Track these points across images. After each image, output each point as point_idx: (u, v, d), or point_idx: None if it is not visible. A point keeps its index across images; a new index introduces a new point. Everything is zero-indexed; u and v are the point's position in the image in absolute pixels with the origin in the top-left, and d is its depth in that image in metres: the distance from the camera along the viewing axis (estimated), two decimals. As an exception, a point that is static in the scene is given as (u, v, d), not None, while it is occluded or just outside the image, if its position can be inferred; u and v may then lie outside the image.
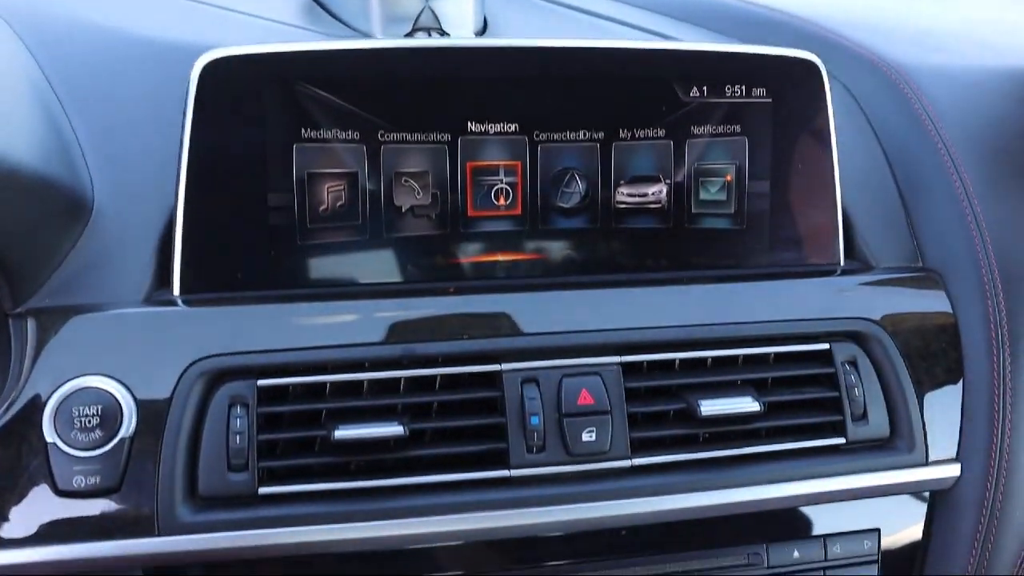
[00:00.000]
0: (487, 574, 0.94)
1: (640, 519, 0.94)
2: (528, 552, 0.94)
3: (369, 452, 0.90)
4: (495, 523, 0.91)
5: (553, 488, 0.92)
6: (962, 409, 1.04)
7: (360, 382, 0.92)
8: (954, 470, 1.02)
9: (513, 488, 0.92)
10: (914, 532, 1.04)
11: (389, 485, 0.90)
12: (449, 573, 0.93)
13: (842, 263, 1.08)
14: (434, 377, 0.93)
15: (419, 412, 0.93)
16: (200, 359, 0.88)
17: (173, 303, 0.92)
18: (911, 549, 1.04)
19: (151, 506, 0.86)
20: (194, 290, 0.94)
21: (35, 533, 0.84)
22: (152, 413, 0.87)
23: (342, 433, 0.88)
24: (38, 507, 0.85)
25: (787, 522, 1.00)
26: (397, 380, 0.92)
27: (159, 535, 0.86)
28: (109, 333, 0.89)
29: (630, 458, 0.94)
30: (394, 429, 0.89)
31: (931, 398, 1.02)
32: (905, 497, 1.03)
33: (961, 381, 1.04)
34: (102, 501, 0.85)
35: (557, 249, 1.03)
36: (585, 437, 0.93)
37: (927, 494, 1.04)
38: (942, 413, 1.03)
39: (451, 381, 0.93)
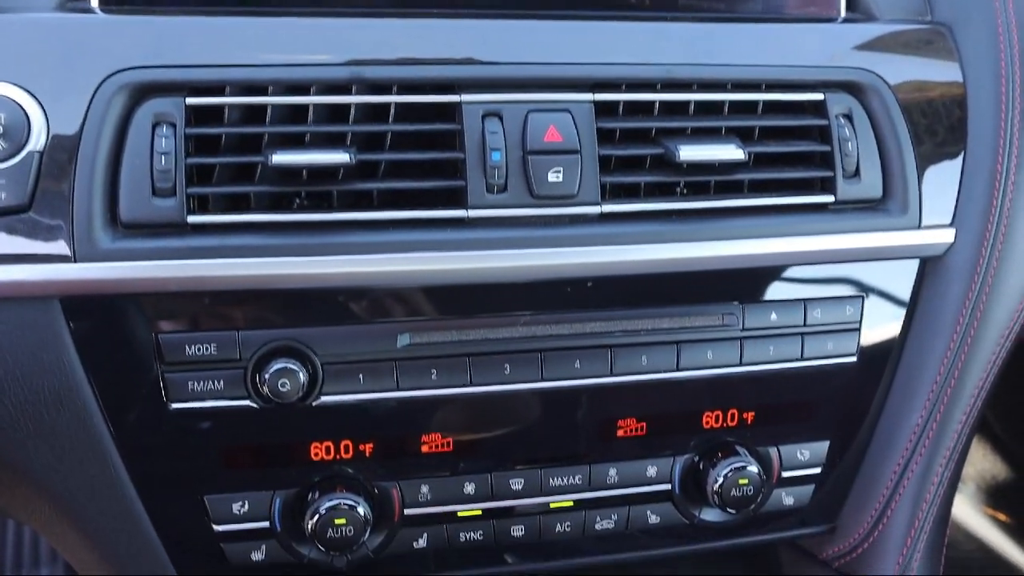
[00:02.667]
0: (440, 321, 0.86)
1: (608, 269, 0.87)
2: (485, 300, 0.87)
3: (313, 182, 0.81)
4: (449, 265, 0.83)
5: (514, 231, 0.84)
6: (961, 171, 0.96)
7: (304, 107, 0.82)
8: (948, 235, 0.95)
9: (470, 229, 0.84)
10: (900, 301, 0.97)
11: (334, 220, 0.82)
12: (402, 319, 0.86)
13: (843, 13, 0.99)
14: (387, 106, 0.83)
15: (369, 143, 0.83)
16: (120, 70, 0.79)
17: (90, 11, 0.82)
18: (895, 319, 0.98)
19: (67, 230, 0.77)
20: (114, 0, 0.83)
21: None
22: (65, 127, 0.78)
23: (281, 158, 0.79)
24: None
25: (766, 283, 0.93)
26: (346, 107, 0.83)
27: (76, 261, 0.78)
28: (14, 39, 0.79)
29: (600, 204, 0.86)
30: (339, 156, 0.80)
31: (929, 158, 0.94)
32: (893, 263, 0.96)
33: (963, 141, 0.96)
34: (9, 220, 0.77)
35: (528, -23, 0.92)
36: (551, 177, 0.84)
37: (917, 261, 0.97)
38: (940, 175, 0.95)
39: (406, 111, 0.84)
